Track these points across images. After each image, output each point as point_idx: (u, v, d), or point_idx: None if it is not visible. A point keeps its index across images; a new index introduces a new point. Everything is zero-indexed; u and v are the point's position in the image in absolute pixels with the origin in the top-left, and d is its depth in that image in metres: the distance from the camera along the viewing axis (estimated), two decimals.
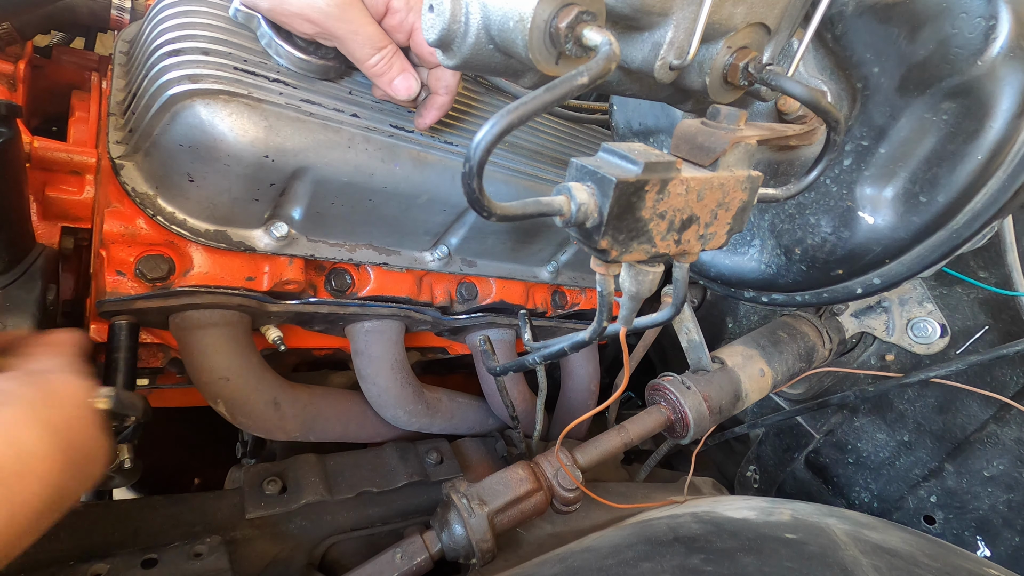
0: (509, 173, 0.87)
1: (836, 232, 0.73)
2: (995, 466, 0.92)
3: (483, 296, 0.99)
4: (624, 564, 0.56)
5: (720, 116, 0.53)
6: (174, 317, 0.73)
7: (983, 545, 0.95)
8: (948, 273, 0.90)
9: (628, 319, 0.58)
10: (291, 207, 0.74)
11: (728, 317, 1.27)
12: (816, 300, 0.81)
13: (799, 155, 0.76)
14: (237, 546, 0.71)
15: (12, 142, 0.59)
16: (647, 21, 0.51)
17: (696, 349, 0.82)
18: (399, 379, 0.92)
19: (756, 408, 1.22)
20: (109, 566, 0.62)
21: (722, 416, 0.81)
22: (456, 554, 0.68)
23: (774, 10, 0.56)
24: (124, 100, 0.74)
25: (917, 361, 0.98)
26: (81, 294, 0.80)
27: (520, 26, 0.45)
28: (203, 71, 0.63)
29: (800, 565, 0.53)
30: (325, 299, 0.82)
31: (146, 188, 0.68)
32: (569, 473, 0.72)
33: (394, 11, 0.68)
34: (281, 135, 0.66)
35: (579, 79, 0.39)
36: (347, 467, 0.87)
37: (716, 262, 0.88)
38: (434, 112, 0.77)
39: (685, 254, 0.51)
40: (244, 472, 0.81)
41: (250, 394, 0.79)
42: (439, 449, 0.96)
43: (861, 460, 1.07)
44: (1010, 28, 0.57)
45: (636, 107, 0.95)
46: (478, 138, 0.38)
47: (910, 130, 0.66)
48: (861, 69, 0.68)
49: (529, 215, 0.41)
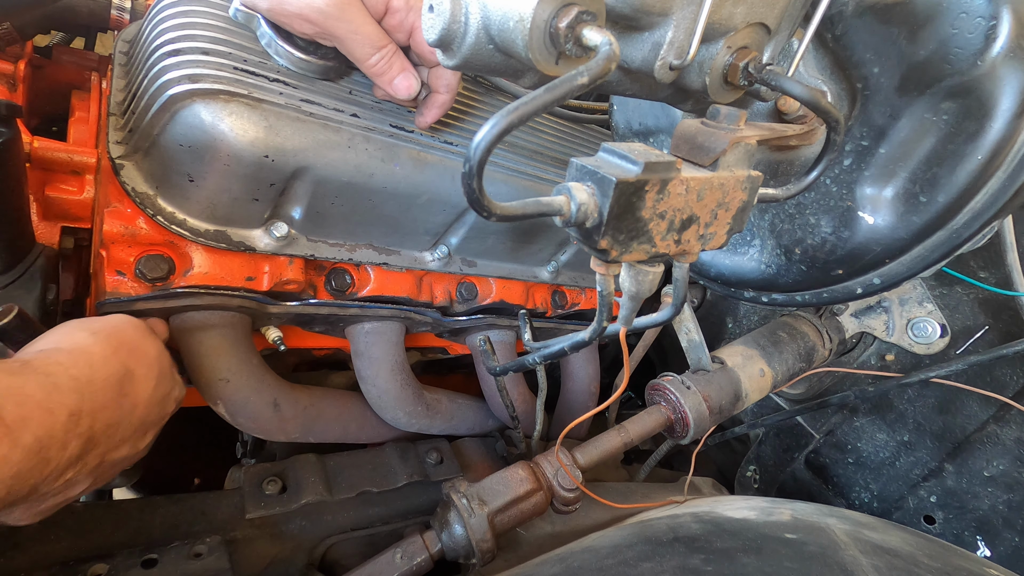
0: (509, 173, 0.87)
1: (836, 232, 0.73)
2: (995, 466, 0.92)
3: (483, 296, 0.99)
4: (624, 564, 0.56)
5: (720, 116, 0.53)
6: (174, 318, 0.73)
7: (983, 545, 0.95)
8: (948, 273, 0.90)
9: (628, 319, 0.58)
10: (291, 207, 0.74)
11: (728, 317, 1.27)
12: (816, 300, 0.81)
13: (799, 155, 0.76)
14: (237, 546, 0.71)
15: (12, 142, 0.59)
16: (647, 21, 0.51)
17: (696, 349, 0.82)
18: (399, 380, 0.92)
19: (756, 408, 1.22)
20: (109, 566, 0.62)
21: (722, 416, 0.81)
22: (456, 554, 0.68)
23: (774, 10, 0.56)
24: (124, 100, 0.74)
25: (917, 361, 0.98)
26: (81, 294, 0.80)
27: (520, 26, 0.45)
28: (203, 71, 0.63)
29: (800, 565, 0.53)
30: (325, 300, 0.82)
31: (146, 188, 0.68)
32: (569, 473, 0.72)
33: (394, 10, 0.68)
34: (281, 135, 0.66)
35: (579, 79, 0.39)
36: (347, 467, 0.87)
37: (716, 262, 0.88)
38: (435, 110, 0.77)
39: (685, 254, 0.51)
40: (244, 472, 0.81)
41: (250, 395, 0.79)
42: (439, 449, 0.96)
43: (861, 460, 1.07)
44: (1010, 28, 0.57)
45: (636, 107, 0.95)
46: (478, 138, 0.38)
47: (910, 130, 0.66)
48: (861, 69, 0.68)
49: (529, 215, 0.41)
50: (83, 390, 0.49)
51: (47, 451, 0.44)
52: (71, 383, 0.49)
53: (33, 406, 0.44)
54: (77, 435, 0.48)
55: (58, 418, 0.46)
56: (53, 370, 0.48)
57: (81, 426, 0.48)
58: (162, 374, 0.61)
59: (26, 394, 0.44)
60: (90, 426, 0.49)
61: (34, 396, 0.45)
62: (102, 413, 0.51)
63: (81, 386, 0.49)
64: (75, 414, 0.47)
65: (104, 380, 0.52)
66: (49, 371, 0.48)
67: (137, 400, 0.56)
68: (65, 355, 0.51)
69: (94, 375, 0.51)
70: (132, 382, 0.56)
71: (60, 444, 0.46)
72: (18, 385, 0.44)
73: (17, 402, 0.43)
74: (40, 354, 0.51)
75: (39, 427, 0.44)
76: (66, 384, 0.48)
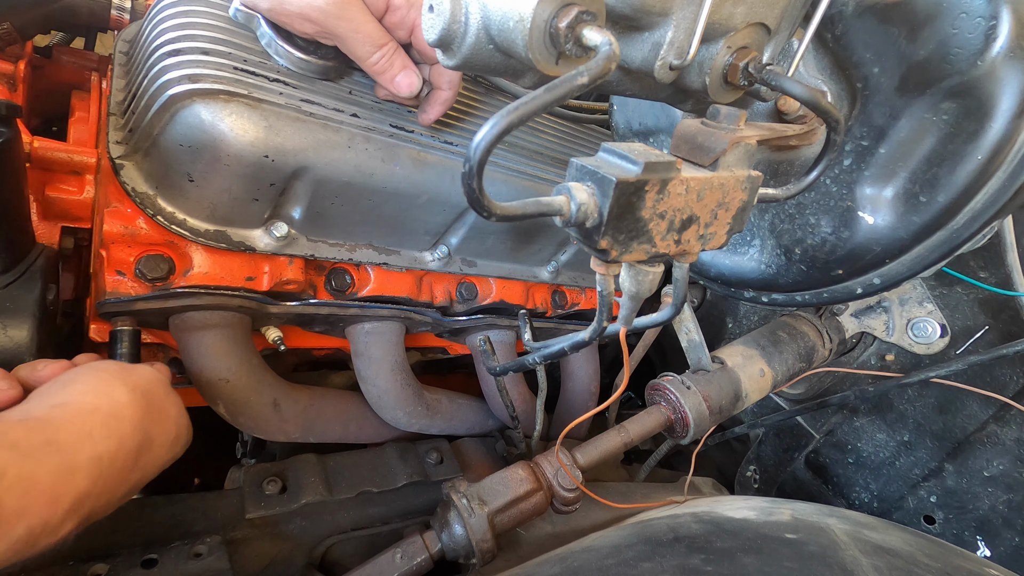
0: (509, 173, 0.87)
1: (836, 232, 0.73)
2: (995, 466, 0.92)
3: (483, 296, 0.99)
4: (624, 564, 0.56)
5: (720, 116, 0.53)
6: (174, 318, 0.73)
7: (983, 545, 0.95)
8: (948, 273, 0.90)
9: (628, 319, 0.58)
10: (291, 207, 0.74)
11: (728, 317, 1.27)
12: (816, 300, 0.81)
13: (799, 155, 0.76)
14: (237, 546, 0.71)
15: (12, 142, 0.59)
16: (647, 21, 0.51)
17: (696, 349, 0.82)
18: (399, 380, 0.92)
19: (756, 408, 1.22)
20: (109, 566, 0.62)
21: (722, 416, 0.81)
22: (456, 554, 0.68)
23: (774, 10, 0.56)
24: (124, 100, 0.74)
25: (917, 361, 0.98)
26: (81, 294, 0.80)
27: (520, 26, 0.45)
28: (203, 71, 0.63)
29: (800, 565, 0.53)
30: (325, 300, 0.82)
31: (146, 188, 0.68)
32: (569, 473, 0.72)
33: (395, 8, 0.68)
34: (281, 135, 0.66)
35: (579, 79, 0.39)
36: (347, 467, 0.87)
37: (716, 262, 0.88)
38: (438, 107, 0.77)
39: (685, 254, 0.51)
40: (244, 472, 0.81)
41: (250, 395, 0.79)
42: (439, 449, 0.96)
43: (861, 460, 1.07)
44: (1010, 28, 0.57)
45: (636, 107, 0.95)
46: (478, 138, 0.38)
47: (910, 130, 0.66)
48: (861, 69, 0.68)
49: (529, 215, 0.41)
50: (102, 472, 0.46)
51: (37, 540, 0.41)
52: (91, 465, 0.45)
53: (37, 495, 0.41)
54: (75, 517, 0.44)
55: (61, 506, 0.42)
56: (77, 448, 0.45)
57: (83, 509, 0.45)
58: (177, 438, 0.58)
59: (35, 482, 0.41)
60: (92, 507, 0.46)
61: (42, 484, 0.41)
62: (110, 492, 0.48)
63: (102, 468, 0.46)
64: (81, 498, 0.44)
65: (126, 454, 0.49)
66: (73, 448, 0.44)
67: (147, 472, 0.53)
68: (100, 423, 0.48)
69: (119, 450, 0.48)
70: (149, 451, 0.53)
71: (53, 530, 0.42)
72: (29, 472, 0.41)
73: (22, 491, 0.40)
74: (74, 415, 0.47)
75: (36, 518, 0.40)
76: (85, 466, 0.45)
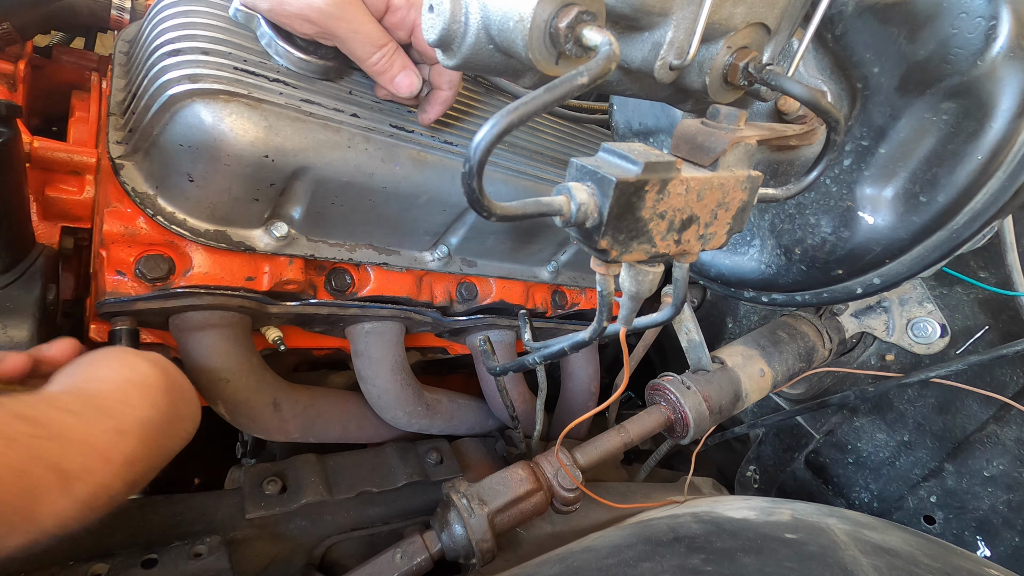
0: (509, 173, 0.87)
1: (836, 232, 0.73)
2: (995, 466, 0.92)
3: (483, 296, 0.99)
4: (624, 564, 0.56)
5: (720, 116, 0.53)
6: (174, 318, 0.73)
7: (983, 545, 0.95)
8: (948, 273, 0.90)
9: (628, 319, 0.58)
10: (291, 207, 0.74)
11: (728, 317, 1.27)
12: (816, 300, 0.81)
13: (799, 155, 0.76)
14: (237, 546, 0.71)
15: (12, 142, 0.59)
16: (647, 21, 0.51)
17: (696, 349, 0.82)
18: (399, 380, 0.92)
19: (756, 408, 1.22)
20: (109, 566, 0.62)
21: (722, 416, 0.81)
22: (456, 554, 0.68)
23: (774, 10, 0.56)
24: (124, 100, 0.74)
25: (917, 361, 0.98)
26: (81, 294, 0.80)
27: (520, 26, 0.45)
28: (203, 71, 0.63)
29: (800, 565, 0.53)
30: (325, 300, 0.82)
31: (146, 188, 0.68)
32: (569, 473, 0.72)
33: (395, 8, 0.68)
34: (281, 135, 0.66)
35: (579, 79, 0.39)
36: (347, 467, 0.87)
37: (716, 262, 0.88)
38: (438, 107, 0.77)
39: (685, 254, 0.51)
40: (244, 472, 0.81)
41: (250, 395, 0.79)
42: (439, 449, 0.96)
43: (861, 460, 1.07)
44: (1010, 28, 0.57)
45: (636, 107, 0.95)
46: (478, 138, 0.38)
47: (910, 130, 0.66)
48: (861, 69, 0.68)
49: (529, 215, 0.41)
50: (145, 436, 0.48)
51: (96, 501, 0.43)
52: (137, 427, 0.47)
53: (96, 456, 0.42)
54: (125, 481, 0.46)
55: (114, 466, 0.44)
56: (123, 412, 0.47)
57: (133, 472, 0.46)
58: (196, 412, 0.59)
59: (93, 444, 0.43)
60: (136, 473, 0.47)
61: (97, 444, 0.43)
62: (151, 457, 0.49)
63: (146, 431, 0.48)
64: (130, 461, 0.46)
65: (160, 420, 0.50)
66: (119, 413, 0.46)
67: (175, 442, 0.55)
68: (136, 391, 0.50)
69: (155, 416, 0.50)
70: (179, 421, 0.54)
71: (109, 493, 0.44)
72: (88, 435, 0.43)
73: (81, 451, 0.41)
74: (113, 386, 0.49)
75: (98, 477, 0.42)
76: (133, 429, 0.46)
